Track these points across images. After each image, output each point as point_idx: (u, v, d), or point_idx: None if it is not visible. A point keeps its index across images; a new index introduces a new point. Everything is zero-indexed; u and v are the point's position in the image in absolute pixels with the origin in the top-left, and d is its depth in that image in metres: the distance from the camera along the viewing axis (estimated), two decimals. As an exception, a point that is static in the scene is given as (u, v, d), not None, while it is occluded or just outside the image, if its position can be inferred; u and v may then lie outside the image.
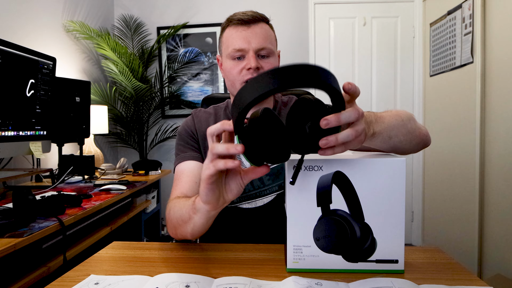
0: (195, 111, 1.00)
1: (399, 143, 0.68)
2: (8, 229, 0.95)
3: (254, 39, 0.86)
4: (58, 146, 1.87)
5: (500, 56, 1.86)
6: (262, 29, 0.88)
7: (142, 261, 0.68)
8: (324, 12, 2.83)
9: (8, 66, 1.33)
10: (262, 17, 0.90)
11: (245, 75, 0.87)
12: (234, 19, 0.88)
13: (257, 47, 0.86)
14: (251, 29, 0.87)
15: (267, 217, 0.90)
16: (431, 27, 2.58)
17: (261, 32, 0.87)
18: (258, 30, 0.87)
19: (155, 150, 2.97)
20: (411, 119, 0.72)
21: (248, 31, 0.87)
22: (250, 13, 0.88)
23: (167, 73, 2.93)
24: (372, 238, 0.60)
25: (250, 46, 0.86)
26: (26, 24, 1.91)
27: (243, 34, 0.87)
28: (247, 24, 0.87)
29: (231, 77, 0.89)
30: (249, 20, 0.87)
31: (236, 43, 0.87)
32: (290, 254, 0.61)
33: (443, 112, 2.45)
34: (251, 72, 0.86)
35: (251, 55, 0.86)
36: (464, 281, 0.57)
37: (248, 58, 0.86)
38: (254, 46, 0.86)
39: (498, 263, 1.85)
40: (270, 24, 0.93)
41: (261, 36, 0.87)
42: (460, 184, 2.20)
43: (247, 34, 0.86)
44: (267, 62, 0.88)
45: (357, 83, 2.84)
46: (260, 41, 0.86)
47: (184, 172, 0.88)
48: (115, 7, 2.96)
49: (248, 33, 0.86)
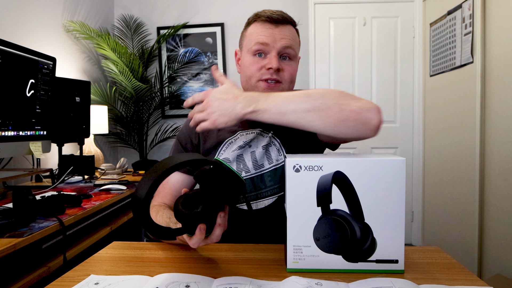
0: None
1: (302, 120, 0.68)
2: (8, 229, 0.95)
3: (280, 38, 0.85)
4: (58, 146, 1.87)
5: (500, 56, 1.86)
6: (290, 31, 0.87)
7: (142, 261, 0.68)
8: (324, 12, 2.83)
9: (8, 66, 1.33)
10: (291, 20, 0.89)
11: (264, 74, 0.86)
12: (263, 16, 0.86)
13: (282, 45, 0.85)
14: (278, 28, 0.86)
15: (269, 220, 0.89)
16: (431, 27, 2.58)
17: (288, 34, 0.87)
18: (285, 31, 0.86)
19: (155, 150, 2.97)
20: (331, 97, 0.69)
21: (275, 30, 0.86)
22: (279, 13, 0.87)
23: (167, 73, 2.93)
24: (372, 238, 0.60)
25: (275, 45, 0.85)
26: (26, 24, 1.91)
27: (269, 31, 0.86)
28: (276, 23, 0.86)
29: (248, 73, 0.88)
30: (278, 19, 0.86)
31: (261, 38, 0.85)
32: (290, 254, 0.61)
33: (443, 112, 2.45)
34: (271, 72, 0.85)
35: (274, 54, 0.85)
36: (464, 281, 0.57)
37: (270, 57, 0.85)
38: (279, 45, 0.85)
39: (498, 263, 1.85)
40: (297, 29, 0.92)
41: (288, 37, 0.86)
42: (460, 184, 2.20)
43: (274, 32, 0.85)
44: (288, 65, 0.87)
45: (357, 83, 2.85)
46: (286, 41, 0.85)
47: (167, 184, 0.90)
48: (115, 7, 2.96)
49: (275, 32, 0.85)
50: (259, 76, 0.86)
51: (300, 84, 2.81)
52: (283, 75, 0.87)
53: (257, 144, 0.90)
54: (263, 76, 0.86)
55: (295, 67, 0.90)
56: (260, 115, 0.69)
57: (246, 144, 0.90)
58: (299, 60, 0.94)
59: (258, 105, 0.69)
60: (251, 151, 0.90)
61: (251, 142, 0.91)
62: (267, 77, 0.85)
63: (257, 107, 0.69)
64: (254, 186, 0.89)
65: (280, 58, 0.86)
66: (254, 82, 0.87)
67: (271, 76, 0.85)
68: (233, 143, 0.92)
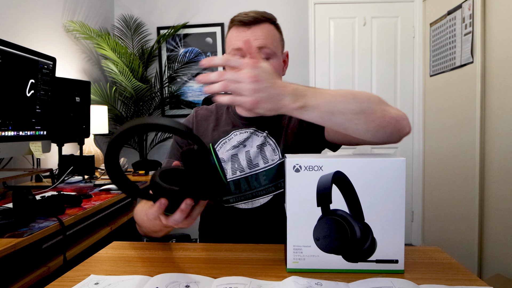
0: (197, 109, 1.01)
1: (349, 122, 0.63)
2: (8, 229, 0.95)
3: (253, 40, 0.85)
4: (58, 146, 1.87)
5: (500, 56, 1.86)
6: (263, 30, 0.87)
7: (142, 261, 0.68)
8: (324, 12, 2.83)
9: (8, 66, 1.33)
10: (264, 17, 0.88)
11: None
12: (235, 20, 0.87)
13: (256, 46, 0.85)
14: (251, 30, 0.86)
15: (265, 218, 0.90)
16: (431, 27, 2.58)
17: (262, 33, 0.86)
18: (258, 31, 0.86)
19: (155, 150, 2.97)
20: (374, 100, 0.66)
21: (247, 32, 0.86)
22: (252, 14, 0.87)
23: (167, 73, 2.93)
24: (372, 238, 0.60)
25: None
26: (26, 24, 1.91)
27: (242, 35, 0.86)
28: (247, 26, 0.86)
29: None
30: (249, 22, 0.86)
31: (235, 43, 0.86)
32: (290, 254, 0.61)
33: (443, 112, 2.45)
34: None
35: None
36: (464, 281, 0.57)
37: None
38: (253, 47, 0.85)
39: (498, 263, 1.85)
40: (276, 24, 0.91)
41: (261, 37, 0.86)
42: (460, 184, 2.20)
43: (246, 35, 0.86)
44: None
45: (357, 83, 2.84)
46: (259, 42, 0.85)
47: None
48: (115, 7, 2.96)
49: (248, 34, 0.86)
50: None
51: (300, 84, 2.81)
52: None
53: (251, 144, 0.91)
54: None
55: (276, 64, 0.88)
56: (308, 112, 0.60)
57: (240, 143, 0.91)
58: (287, 55, 0.94)
59: (308, 101, 0.60)
60: (245, 150, 0.91)
61: (246, 142, 0.91)
62: None
63: (307, 103, 0.60)
64: (249, 185, 0.89)
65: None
66: None
67: None
68: (227, 143, 0.92)
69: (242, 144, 0.91)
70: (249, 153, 0.90)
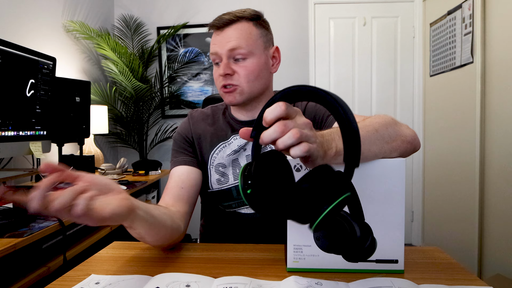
0: (192, 112, 0.99)
1: (375, 157, 0.61)
2: (8, 229, 0.95)
3: (225, 43, 0.84)
4: (58, 146, 1.87)
5: (500, 56, 1.86)
6: (236, 30, 0.84)
7: (142, 261, 0.68)
8: (324, 12, 2.83)
9: (8, 66, 1.33)
10: (239, 17, 0.85)
11: (220, 81, 0.86)
12: (212, 24, 0.87)
13: (227, 49, 0.84)
14: (223, 32, 0.85)
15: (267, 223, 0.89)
16: (431, 27, 2.58)
17: (234, 34, 0.84)
18: (231, 32, 0.84)
19: (155, 150, 2.97)
20: (390, 126, 0.65)
21: (221, 35, 0.85)
22: (225, 17, 0.85)
23: (167, 73, 2.93)
24: (372, 238, 0.60)
25: (222, 51, 0.84)
26: (26, 24, 1.91)
27: (217, 38, 0.86)
28: (220, 28, 0.85)
29: (215, 83, 0.90)
30: (222, 25, 0.85)
31: (212, 47, 0.87)
32: (290, 253, 0.61)
33: (443, 112, 2.45)
34: (224, 78, 0.85)
35: (224, 61, 0.84)
36: (464, 281, 0.57)
37: (221, 64, 0.85)
38: (225, 51, 0.84)
39: (498, 263, 1.85)
40: (257, 21, 0.87)
41: (233, 38, 0.84)
42: (460, 184, 2.20)
43: (220, 38, 0.85)
44: (241, 66, 0.85)
45: (357, 83, 2.85)
46: (230, 44, 0.83)
47: (172, 177, 0.88)
48: (115, 7, 2.96)
49: (221, 37, 0.85)
50: (219, 84, 0.87)
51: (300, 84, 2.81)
52: (238, 77, 0.85)
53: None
54: (220, 83, 0.87)
55: (252, 64, 0.85)
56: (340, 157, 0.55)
57: (241, 148, 0.90)
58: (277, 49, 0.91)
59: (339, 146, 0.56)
60: (246, 154, 0.90)
61: (246, 146, 0.90)
62: (223, 83, 0.86)
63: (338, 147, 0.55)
64: None
65: (235, 60, 0.86)
66: (219, 90, 0.89)
67: (225, 82, 0.85)
68: (227, 147, 0.91)
69: (242, 148, 0.90)
70: (250, 157, 0.89)
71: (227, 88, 0.86)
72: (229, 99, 0.87)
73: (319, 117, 0.90)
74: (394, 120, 0.69)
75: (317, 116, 0.91)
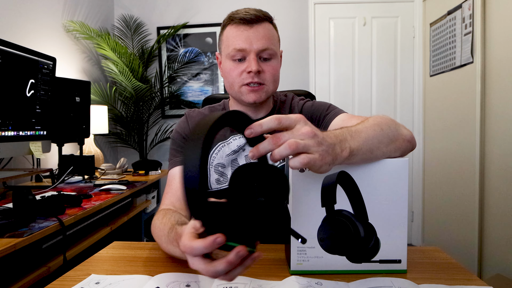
0: (189, 112, 0.97)
1: (383, 155, 0.61)
2: (8, 229, 0.95)
3: (256, 40, 0.83)
4: (58, 146, 1.87)
5: (500, 56, 1.86)
6: (265, 29, 0.84)
7: (142, 261, 0.68)
8: (324, 12, 2.83)
9: (8, 66, 1.33)
10: (265, 16, 0.86)
11: (246, 78, 0.84)
12: (236, 18, 0.84)
13: (259, 48, 0.83)
14: (253, 29, 0.83)
15: None
16: (431, 27, 2.58)
17: (264, 33, 0.84)
18: (261, 31, 0.83)
19: (155, 150, 2.97)
20: (392, 125, 0.66)
21: (250, 31, 0.83)
22: (253, 12, 0.84)
23: (167, 73, 2.93)
24: (376, 238, 0.60)
25: (252, 48, 0.83)
26: (26, 24, 1.91)
27: (244, 34, 0.83)
28: (250, 24, 0.83)
29: (230, 79, 0.87)
30: (251, 20, 0.83)
31: (237, 43, 0.83)
32: (294, 255, 0.61)
33: (443, 112, 2.45)
34: (252, 75, 0.83)
35: (252, 57, 0.83)
36: (464, 281, 0.57)
37: (249, 60, 0.83)
38: (256, 48, 0.83)
39: (498, 263, 1.85)
40: (273, 24, 0.89)
41: (264, 37, 0.83)
42: (460, 184, 2.20)
43: (249, 35, 0.83)
44: (268, 65, 0.85)
45: (357, 83, 2.84)
46: (263, 42, 0.83)
47: (175, 177, 0.86)
48: (115, 7, 2.96)
49: (250, 33, 0.83)
50: (240, 81, 0.85)
51: (300, 84, 2.81)
52: (265, 76, 0.85)
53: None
54: (244, 80, 0.84)
55: (276, 65, 0.87)
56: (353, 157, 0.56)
57: (240, 148, 0.90)
58: (281, 54, 0.92)
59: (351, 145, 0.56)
60: (245, 155, 0.90)
61: (245, 146, 0.90)
62: (249, 81, 0.84)
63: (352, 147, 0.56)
64: None
65: (260, 59, 0.85)
66: (237, 88, 0.86)
67: (252, 79, 0.84)
68: (226, 147, 0.91)
69: (241, 149, 0.90)
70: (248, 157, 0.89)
71: (252, 86, 0.85)
72: (255, 97, 0.85)
73: (316, 117, 0.90)
74: (393, 120, 0.69)
75: (314, 116, 0.90)
